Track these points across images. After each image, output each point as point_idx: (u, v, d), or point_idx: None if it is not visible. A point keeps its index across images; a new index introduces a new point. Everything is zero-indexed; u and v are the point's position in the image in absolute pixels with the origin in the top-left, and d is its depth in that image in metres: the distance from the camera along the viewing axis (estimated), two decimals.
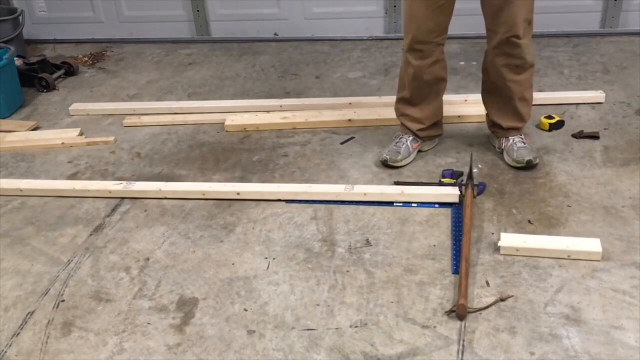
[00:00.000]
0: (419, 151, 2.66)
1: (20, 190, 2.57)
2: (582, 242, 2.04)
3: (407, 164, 2.59)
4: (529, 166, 2.47)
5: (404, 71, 2.53)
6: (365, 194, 2.37)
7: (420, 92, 2.54)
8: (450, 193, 2.33)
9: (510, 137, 2.55)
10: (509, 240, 2.07)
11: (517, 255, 2.04)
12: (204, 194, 2.46)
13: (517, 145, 2.52)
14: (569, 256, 2.01)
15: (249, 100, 3.31)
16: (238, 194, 2.44)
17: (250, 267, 2.09)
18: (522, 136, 2.56)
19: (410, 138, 2.61)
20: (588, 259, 2.00)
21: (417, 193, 2.36)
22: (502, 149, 2.57)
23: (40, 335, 1.86)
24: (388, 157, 2.56)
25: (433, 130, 2.66)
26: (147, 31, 4.34)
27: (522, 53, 2.37)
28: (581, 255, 2.01)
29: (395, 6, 4.00)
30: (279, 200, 2.42)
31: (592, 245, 2.02)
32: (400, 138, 2.63)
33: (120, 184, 2.53)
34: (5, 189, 2.58)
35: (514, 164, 2.50)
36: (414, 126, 2.60)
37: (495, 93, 2.53)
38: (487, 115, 2.65)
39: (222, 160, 2.77)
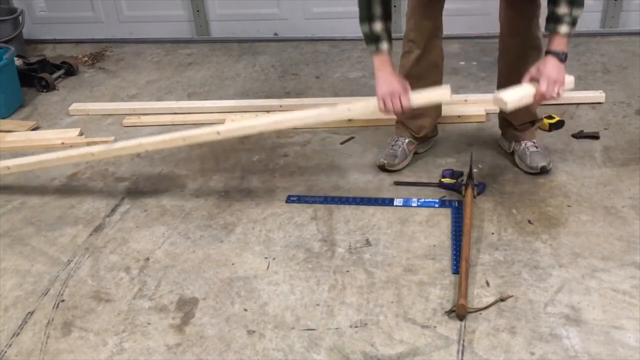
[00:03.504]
0: (415, 153, 2.65)
1: (8, 168, 2.53)
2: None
3: (404, 167, 2.58)
4: (543, 172, 2.47)
5: (406, 59, 2.51)
6: (349, 110, 2.25)
7: (422, 72, 2.50)
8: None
9: (522, 142, 2.54)
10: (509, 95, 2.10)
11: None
12: (184, 140, 2.37)
13: (529, 150, 2.50)
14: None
15: (249, 100, 3.31)
16: (218, 133, 2.33)
17: (250, 267, 2.09)
18: (534, 140, 2.55)
19: (407, 140, 2.61)
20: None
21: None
22: (514, 152, 2.57)
23: (40, 335, 1.86)
24: (385, 161, 2.55)
25: (429, 131, 2.65)
26: (147, 31, 4.34)
27: (539, 34, 2.37)
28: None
29: (395, 6, 3.99)
30: (279, 200, 2.42)
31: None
32: (396, 141, 2.62)
33: (103, 144, 2.45)
34: None
35: (527, 169, 2.48)
36: (413, 124, 2.59)
37: (511, 74, 2.49)
38: (500, 114, 2.63)
39: (222, 160, 2.77)
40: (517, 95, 2.12)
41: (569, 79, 2.18)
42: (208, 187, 2.56)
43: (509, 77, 2.47)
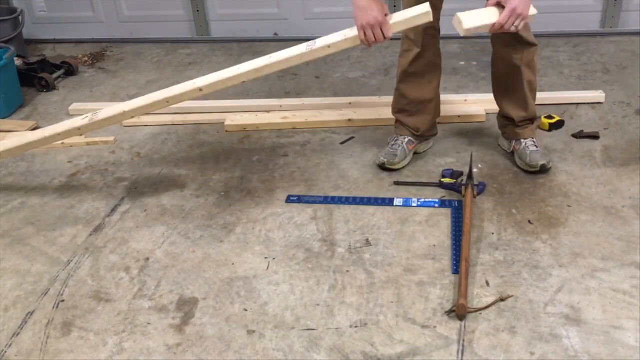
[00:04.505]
0: (415, 153, 2.65)
1: None
2: None
3: (404, 166, 2.58)
4: (542, 170, 2.46)
5: (404, 57, 2.51)
6: (329, 46, 2.21)
7: (421, 70, 2.50)
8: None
9: (522, 140, 2.53)
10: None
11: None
12: (167, 101, 2.35)
13: (529, 149, 2.50)
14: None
15: (249, 100, 3.31)
16: (201, 90, 2.32)
17: (250, 267, 2.09)
18: (534, 140, 2.54)
19: (406, 140, 2.61)
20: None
21: None
22: (514, 152, 2.57)
23: (40, 335, 1.86)
24: (385, 160, 2.55)
25: (428, 129, 2.65)
26: (147, 31, 4.34)
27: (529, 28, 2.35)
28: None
29: (395, 6, 4.00)
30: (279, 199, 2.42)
31: None
32: (396, 140, 2.62)
33: (86, 117, 2.44)
34: None
35: (527, 168, 2.48)
36: (411, 122, 2.59)
37: (506, 80, 2.49)
38: (499, 113, 2.63)
39: (222, 160, 2.77)
40: (477, 21, 2.05)
41: (533, 11, 2.11)
42: (208, 187, 2.56)
43: (503, 76, 2.49)
